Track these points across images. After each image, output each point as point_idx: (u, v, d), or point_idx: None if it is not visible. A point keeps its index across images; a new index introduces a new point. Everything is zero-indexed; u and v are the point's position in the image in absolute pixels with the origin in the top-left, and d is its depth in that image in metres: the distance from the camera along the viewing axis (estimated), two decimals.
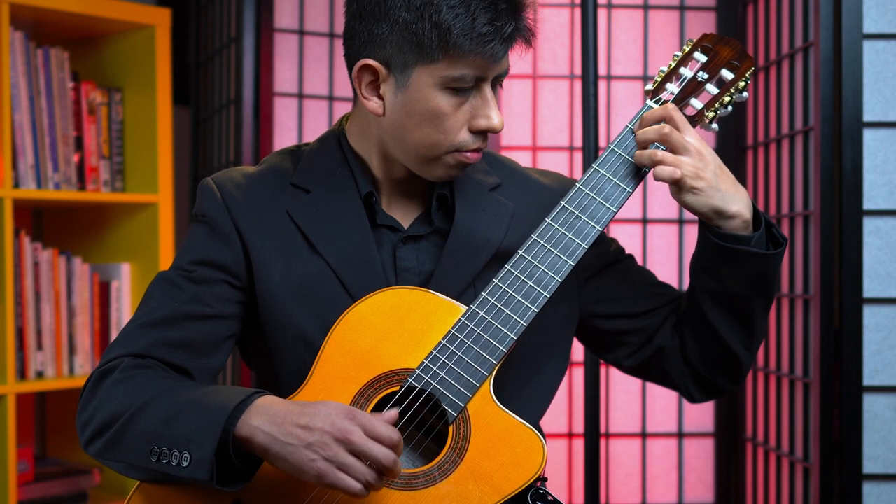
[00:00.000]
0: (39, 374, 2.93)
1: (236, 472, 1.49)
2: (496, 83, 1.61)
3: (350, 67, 1.63)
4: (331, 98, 3.09)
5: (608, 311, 1.75)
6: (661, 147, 1.59)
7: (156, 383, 1.54)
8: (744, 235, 1.60)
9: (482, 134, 1.60)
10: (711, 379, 1.73)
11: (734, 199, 1.59)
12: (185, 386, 1.54)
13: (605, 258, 1.76)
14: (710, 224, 1.61)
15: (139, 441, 1.50)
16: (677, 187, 1.58)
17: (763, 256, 1.60)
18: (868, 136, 2.37)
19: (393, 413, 1.47)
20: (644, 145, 1.60)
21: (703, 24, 2.99)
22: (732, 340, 1.67)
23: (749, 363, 1.72)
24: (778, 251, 1.62)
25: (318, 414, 1.43)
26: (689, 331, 1.71)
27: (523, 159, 2.99)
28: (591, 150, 2.45)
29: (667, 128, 1.58)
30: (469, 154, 1.60)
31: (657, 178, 1.58)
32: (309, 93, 3.08)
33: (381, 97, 1.60)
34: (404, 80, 1.57)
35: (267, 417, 1.45)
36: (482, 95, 1.58)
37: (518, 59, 1.61)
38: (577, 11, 2.98)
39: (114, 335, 3.06)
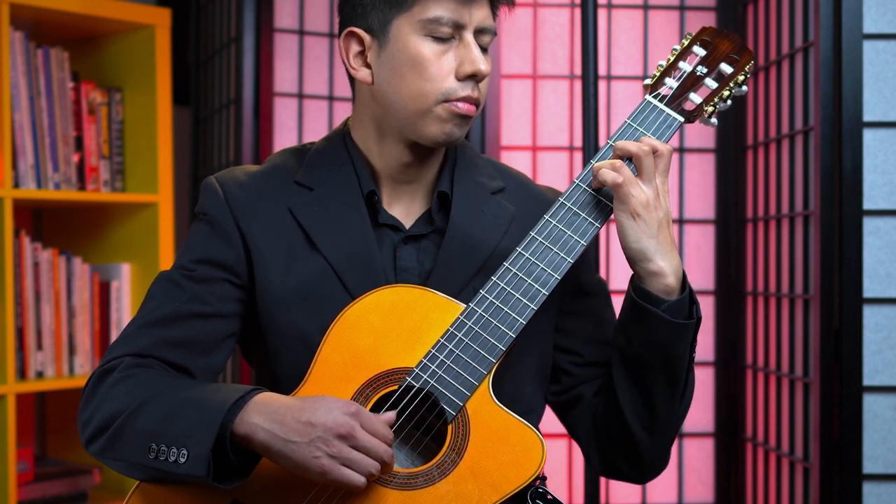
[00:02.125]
0: (39, 374, 2.93)
1: (234, 469, 1.49)
2: (481, 39, 1.61)
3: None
4: (331, 98, 3.09)
5: (562, 344, 1.72)
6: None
7: (155, 382, 1.54)
8: (657, 297, 1.57)
9: (470, 81, 1.59)
10: (611, 453, 1.68)
11: (664, 256, 1.56)
12: (184, 384, 1.55)
13: (588, 286, 1.74)
14: (635, 273, 1.59)
15: (138, 439, 1.50)
16: (620, 201, 1.55)
17: (667, 323, 1.56)
18: (868, 136, 2.37)
19: (391, 415, 1.48)
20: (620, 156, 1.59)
21: (702, 23, 2.98)
22: (629, 413, 1.62)
23: (651, 452, 1.65)
24: (685, 322, 1.57)
25: (318, 409, 1.44)
26: (603, 395, 1.68)
27: (523, 159, 3.00)
28: (590, 150, 2.44)
29: (646, 147, 1.56)
30: (460, 104, 1.59)
31: (600, 179, 1.56)
32: (309, 93, 3.08)
33: (368, 66, 1.63)
34: (385, 38, 1.59)
35: (267, 415, 1.45)
36: (464, 43, 1.59)
37: (507, 18, 1.64)
38: (577, 11, 2.98)
39: (114, 335, 3.06)
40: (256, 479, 1.52)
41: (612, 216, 1.60)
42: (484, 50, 1.62)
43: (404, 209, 1.69)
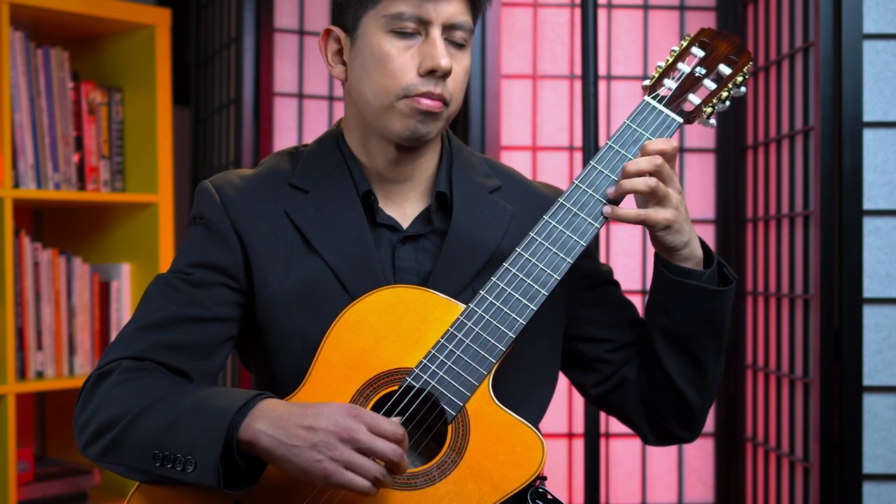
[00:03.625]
0: (39, 374, 2.93)
1: (242, 474, 1.49)
2: (452, 34, 1.60)
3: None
4: (331, 98, 3.09)
5: (592, 334, 1.75)
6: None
7: (156, 386, 1.53)
8: (696, 271, 1.63)
9: (431, 77, 1.58)
10: (663, 423, 1.73)
11: (692, 237, 1.63)
12: (185, 389, 1.54)
13: (601, 275, 1.77)
14: (669, 259, 1.63)
15: (141, 446, 1.49)
16: (652, 225, 1.58)
17: (712, 292, 1.62)
18: (868, 136, 2.37)
19: (397, 419, 1.47)
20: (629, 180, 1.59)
21: (702, 24, 2.99)
22: (682, 381, 1.67)
23: (702, 410, 1.72)
24: (727, 288, 1.64)
25: (321, 414, 1.43)
26: (645, 372, 1.72)
27: (523, 159, 3.00)
28: (590, 150, 2.44)
29: (659, 160, 1.57)
30: (422, 100, 1.58)
31: (647, 222, 1.57)
32: (309, 93, 3.08)
33: (344, 63, 1.65)
34: (355, 35, 1.61)
35: (270, 420, 1.44)
36: (429, 40, 1.58)
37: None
38: (577, 11, 2.98)
39: (114, 335, 3.06)
40: (259, 481, 1.52)
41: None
42: (459, 46, 1.61)
43: (401, 209, 1.69)
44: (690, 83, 1.65)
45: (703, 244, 1.66)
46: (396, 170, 1.67)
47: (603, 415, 2.90)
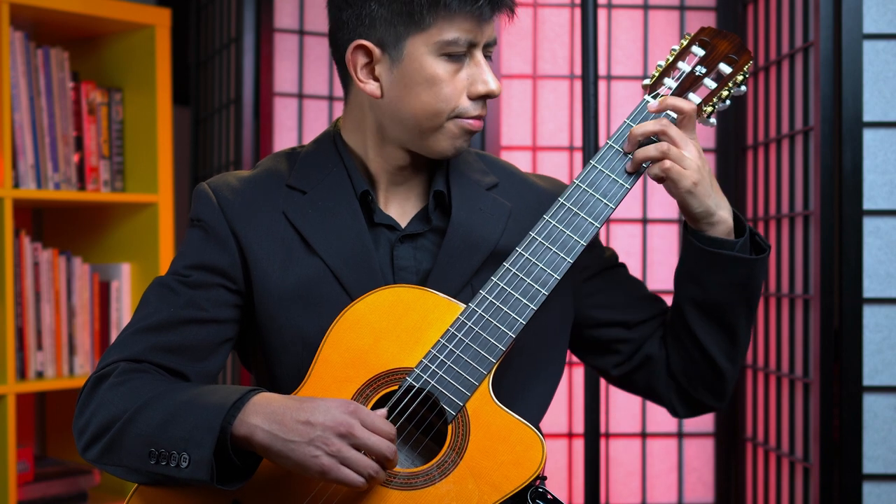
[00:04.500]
0: (39, 374, 2.93)
1: (236, 470, 1.49)
2: (487, 51, 1.63)
3: (341, 57, 1.64)
4: (331, 98, 3.09)
5: (603, 318, 1.75)
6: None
7: (152, 386, 1.54)
8: (728, 240, 1.63)
9: (481, 100, 1.61)
10: (694, 394, 1.74)
11: (721, 205, 1.62)
12: (181, 387, 1.54)
13: (603, 262, 1.77)
14: (697, 228, 1.63)
15: (137, 444, 1.50)
16: (674, 181, 1.58)
17: (747, 261, 1.62)
18: (868, 136, 2.37)
19: (382, 411, 1.49)
20: (639, 142, 1.60)
21: (702, 24, 2.98)
22: (715, 351, 1.68)
23: (732, 377, 1.72)
24: (761, 256, 1.64)
25: (317, 409, 1.44)
26: (674, 343, 1.72)
27: (523, 159, 3.00)
28: (590, 150, 2.44)
29: (665, 121, 1.58)
30: (471, 121, 1.61)
31: (651, 174, 1.59)
32: (309, 93, 3.08)
33: (376, 79, 1.62)
34: (398, 54, 1.59)
35: (266, 415, 1.45)
36: (475, 62, 1.60)
37: (508, 37, 1.62)
38: (577, 11, 2.98)
39: (114, 335, 3.06)
40: (257, 480, 1.52)
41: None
42: (488, 59, 1.64)
43: (400, 208, 1.69)
44: (691, 82, 1.65)
45: (734, 212, 1.65)
46: (402, 173, 1.68)
47: (603, 415, 2.90)
